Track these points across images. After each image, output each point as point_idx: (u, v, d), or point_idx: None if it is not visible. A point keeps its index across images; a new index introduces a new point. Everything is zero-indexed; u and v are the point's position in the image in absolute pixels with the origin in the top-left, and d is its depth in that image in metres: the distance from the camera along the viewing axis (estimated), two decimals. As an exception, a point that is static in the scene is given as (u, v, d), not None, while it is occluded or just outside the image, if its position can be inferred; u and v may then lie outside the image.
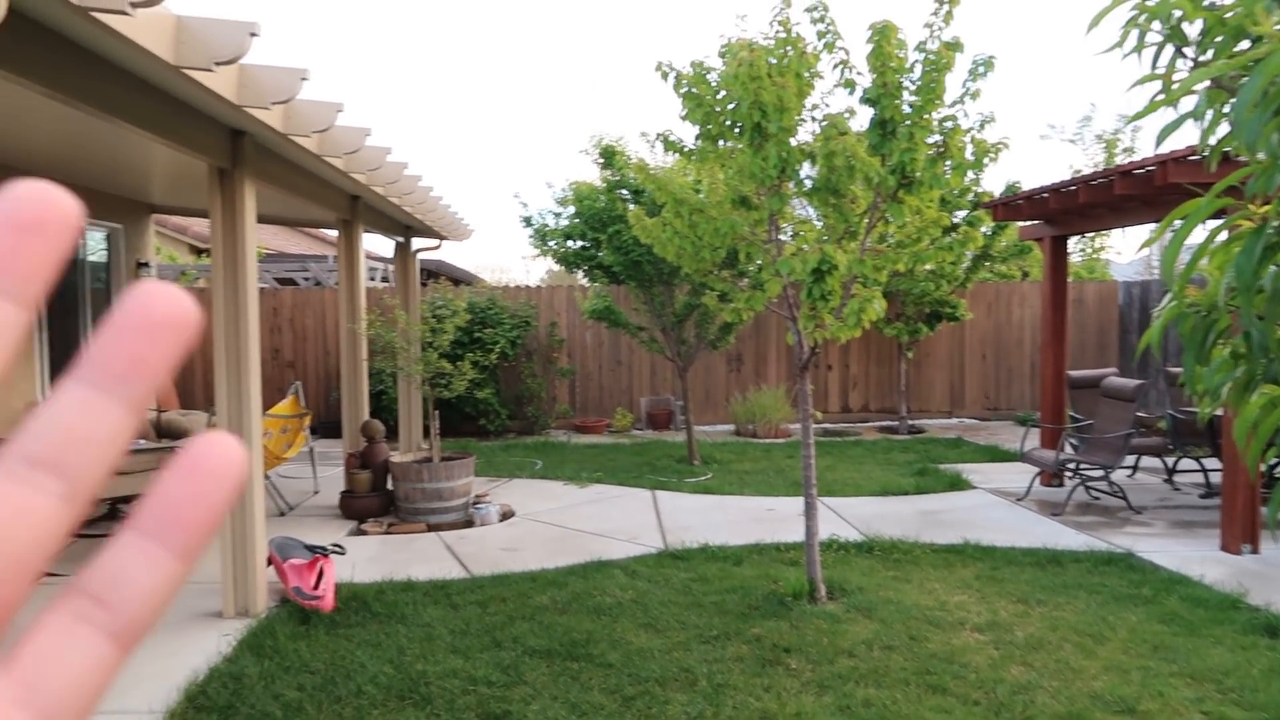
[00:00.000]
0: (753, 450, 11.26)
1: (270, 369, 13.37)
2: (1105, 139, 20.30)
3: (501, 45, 69.17)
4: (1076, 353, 14.26)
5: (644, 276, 10.04)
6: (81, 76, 3.90)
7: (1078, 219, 8.64)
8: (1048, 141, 38.59)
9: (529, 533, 7.28)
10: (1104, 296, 14.58)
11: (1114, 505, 8.11)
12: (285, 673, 4.44)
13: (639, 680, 4.33)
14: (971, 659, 4.55)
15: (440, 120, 67.05)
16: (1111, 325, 14.52)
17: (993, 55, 4.92)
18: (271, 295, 13.72)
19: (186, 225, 17.18)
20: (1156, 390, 13.07)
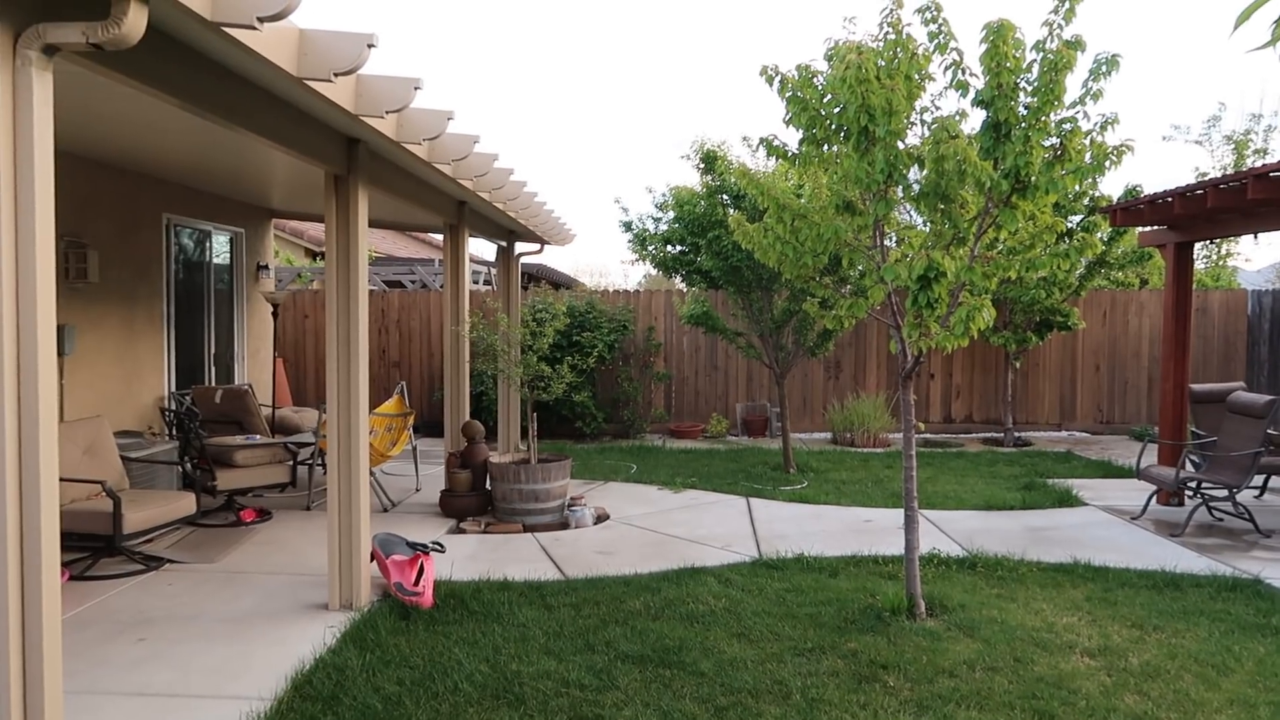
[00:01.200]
0: (850, 459, 11.05)
1: (377, 369, 13.78)
2: (1235, 140, 19.22)
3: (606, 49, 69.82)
4: (1199, 365, 13.54)
5: (743, 282, 9.97)
6: (211, 88, 4.09)
7: (1204, 224, 8.20)
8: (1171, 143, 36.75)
9: (623, 536, 7.30)
10: (1231, 306, 13.81)
11: (1239, 527, 7.66)
12: (386, 666, 4.55)
13: (731, 690, 4.29)
14: (1082, 685, 4.35)
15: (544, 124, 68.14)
16: (1238, 337, 13.74)
17: (1117, 54, 4.70)
18: (380, 297, 14.15)
19: (303, 229, 17.91)
20: (1288, 407, 12.29)
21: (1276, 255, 20.70)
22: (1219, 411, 8.45)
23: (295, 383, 13.90)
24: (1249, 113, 23.47)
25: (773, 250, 5.60)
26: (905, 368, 5.31)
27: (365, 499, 5.61)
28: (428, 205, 7.39)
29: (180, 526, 7.07)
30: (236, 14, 3.19)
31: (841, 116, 4.90)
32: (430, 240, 24.51)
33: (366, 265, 5.58)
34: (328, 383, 5.52)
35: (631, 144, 67.42)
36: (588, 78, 69.08)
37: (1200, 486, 7.77)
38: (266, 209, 11.71)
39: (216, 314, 10.76)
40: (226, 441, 7.82)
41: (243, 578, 6.10)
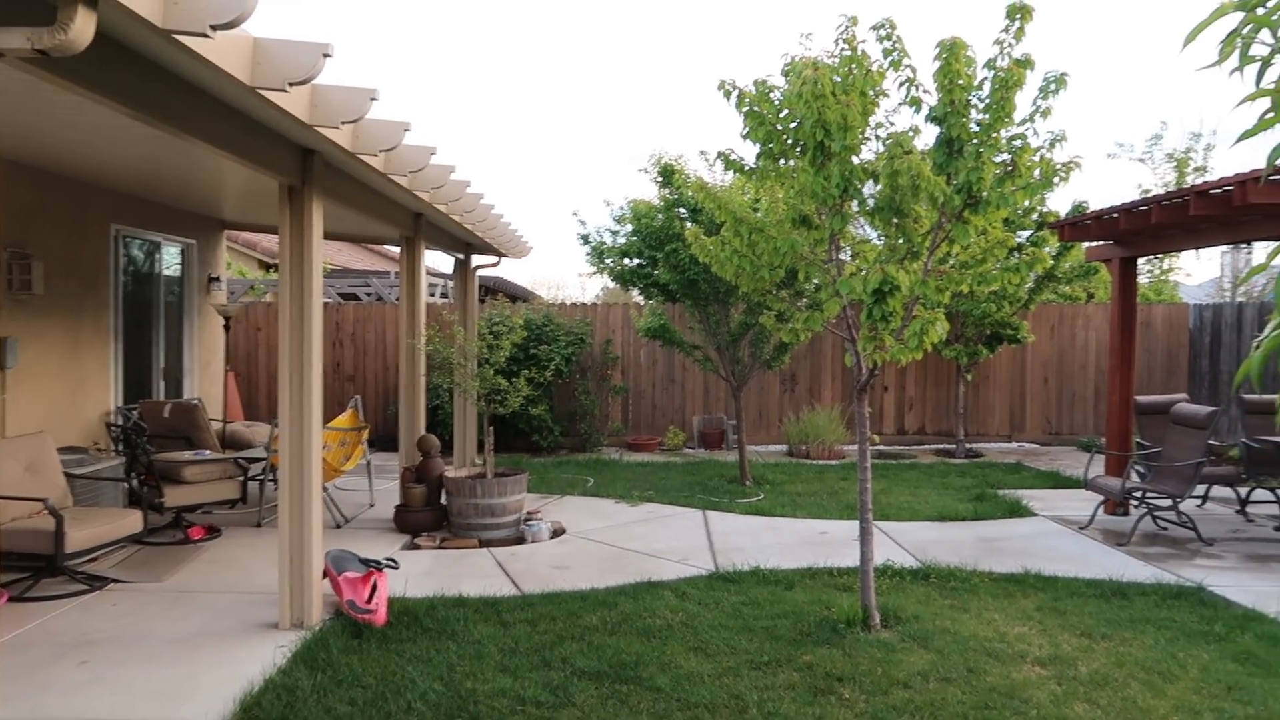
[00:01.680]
0: (806, 471, 11.12)
1: (331, 382, 13.59)
2: (1176, 158, 19.77)
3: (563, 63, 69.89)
4: (1143, 377, 13.86)
5: (700, 295, 10.01)
6: (162, 97, 4.02)
7: (1149, 240, 8.41)
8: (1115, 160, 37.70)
9: (580, 551, 7.27)
10: (1173, 320, 14.17)
11: (1183, 536, 7.83)
12: (338, 686, 4.47)
13: (688, 705, 4.27)
14: (1033, 694, 4.41)
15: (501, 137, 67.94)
16: (1181, 349, 14.10)
17: (1065, 73, 4.81)
18: (335, 310, 13.97)
19: (256, 241, 17.64)
20: (1228, 417, 12.63)
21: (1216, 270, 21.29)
22: (1163, 423, 8.65)
23: (247, 397, 13.66)
24: (1190, 132, 24.14)
25: (730, 264, 5.63)
26: (860, 380, 5.36)
27: (318, 515, 5.51)
28: (384, 217, 7.32)
29: (126, 545, 6.89)
30: (188, 21, 3.13)
31: (798, 131, 4.95)
32: (386, 252, 24.28)
33: (321, 277, 5.50)
34: (280, 397, 5.43)
35: (589, 157, 67.53)
36: (546, 91, 69.08)
37: (1145, 496, 7.94)
38: (219, 220, 11.52)
39: (166, 327, 10.54)
40: (175, 457, 7.65)
41: (190, 597, 5.96)
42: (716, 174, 11.57)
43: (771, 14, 57.49)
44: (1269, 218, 6.69)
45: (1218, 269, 20.43)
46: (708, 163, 13.13)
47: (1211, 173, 19.71)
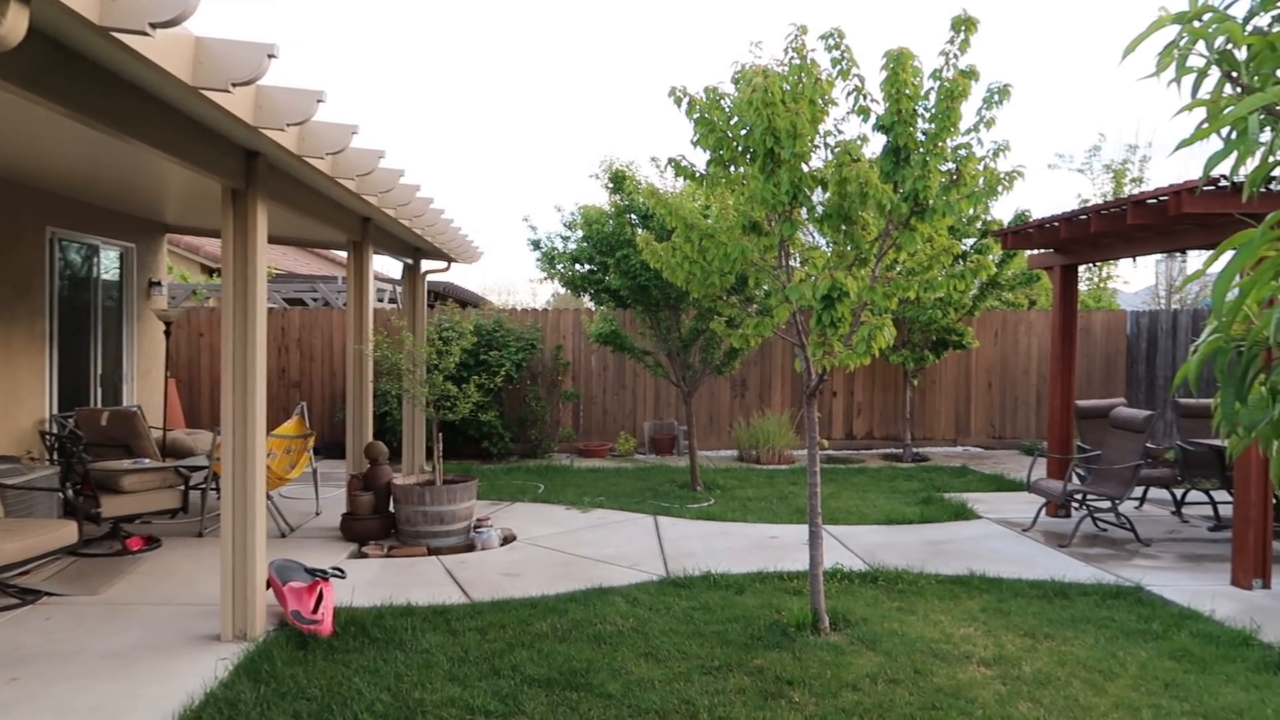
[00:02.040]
0: (756, 476, 11.19)
1: (276, 389, 13.35)
2: (1114, 169, 20.31)
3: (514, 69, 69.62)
4: (1083, 382, 14.19)
5: (651, 301, 10.03)
6: (101, 97, 3.91)
7: (1088, 248, 8.61)
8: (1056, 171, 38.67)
9: (530, 558, 7.22)
10: (1111, 326, 14.54)
11: (1121, 537, 8.03)
12: (281, 699, 4.37)
13: (639, 712, 4.26)
14: (978, 694, 4.48)
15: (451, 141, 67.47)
16: (1119, 355, 14.47)
17: (1008, 83, 4.91)
18: (280, 315, 13.74)
19: (199, 245, 17.28)
20: (1164, 421, 12.99)
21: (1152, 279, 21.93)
22: (1102, 426, 8.86)
23: (189, 404, 13.36)
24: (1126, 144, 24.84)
25: (680, 269, 5.65)
26: (809, 385, 5.41)
27: (261, 524, 5.40)
28: (331, 221, 7.21)
29: (60, 557, 6.68)
30: (128, 19, 3.05)
31: (748, 138, 4.98)
32: (333, 257, 23.96)
33: (265, 282, 5.40)
34: (223, 404, 5.32)
35: (540, 163, 67.37)
36: (497, 96, 68.75)
37: (1086, 498, 8.12)
38: (160, 223, 11.26)
39: (104, 332, 10.26)
40: (112, 466, 7.44)
41: (128, 609, 5.79)
42: (667, 180, 11.62)
43: (722, 22, 57.90)
44: (1202, 227, 6.90)
45: (1153, 277, 21.02)
46: (659, 169, 13.16)
47: (1148, 183, 20.30)
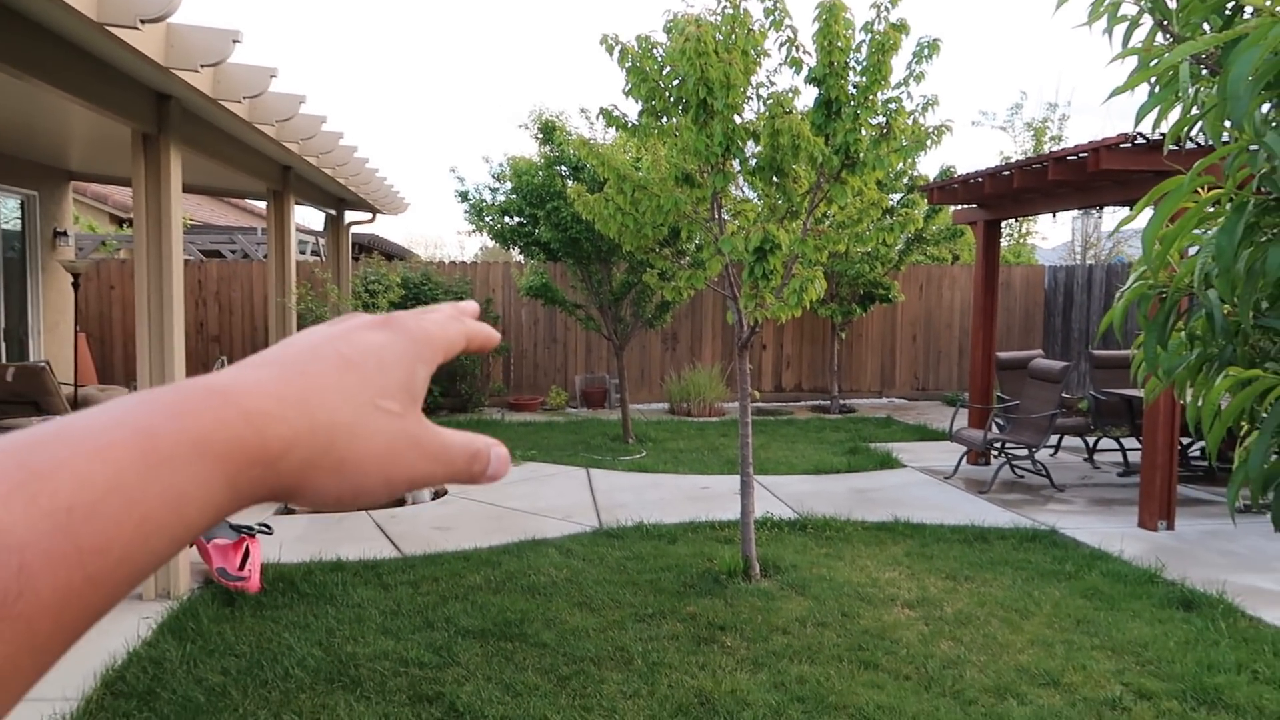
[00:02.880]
0: (687, 429, 11.30)
1: (195, 344, 12.95)
2: (1035, 127, 20.75)
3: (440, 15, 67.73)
4: (1003, 335, 14.60)
5: (582, 254, 9.95)
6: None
7: (1010, 203, 8.81)
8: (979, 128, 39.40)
9: (462, 511, 7.19)
10: (1030, 280, 14.95)
11: (1038, 483, 8.34)
12: (209, 656, 4.30)
13: (574, 660, 4.31)
14: (902, 635, 4.63)
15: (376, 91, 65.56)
16: (1037, 309, 14.91)
17: (938, 38, 4.95)
18: (196, 268, 13.28)
19: (107, 194, 16.51)
20: (1079, 372, 13.46)
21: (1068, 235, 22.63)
22: (1021, 377, 9.15)
23: (101, 359, 12.88)
24: (1047, 102, 25.36)
25: (613, 221, 5.61)
26: (742, 337, 5.45)
27: (184, 481, 5.26)
28: (249, 169, 6.96)
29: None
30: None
31: (681, 89, 4.94)
32: (252, 208, 23.19)
33: (180, 233, 5.20)
34: (138, 359, 5.14)
35: (468, 113, 65.95)
36: (424, 43, 66.89)
37: (1004, 447, 8.40)
38: (64, 170, 10.72)
39: (6, 285, 9.79)
40: (21, 424, 7.15)
41: (44, 570, 5.61)
42: (598, 132, 11.48)
43: (652, -29, 57.13)
44: (1119, 183, 7.10)
45: (1070, 234, 21.64)
46: (589, 121, 12.99)
47: (1066, 141, 20.79)
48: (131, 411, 0.34)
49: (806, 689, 4.01)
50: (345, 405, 0.40)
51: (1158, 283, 1.41)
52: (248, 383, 0.38)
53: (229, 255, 15.45)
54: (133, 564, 0.32)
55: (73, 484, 0.31)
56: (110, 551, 0.31)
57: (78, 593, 0.31)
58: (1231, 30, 1.09)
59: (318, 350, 0.41)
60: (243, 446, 0.35)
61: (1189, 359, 1.43)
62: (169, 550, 0.34)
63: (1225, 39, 1.09)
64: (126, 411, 0.34)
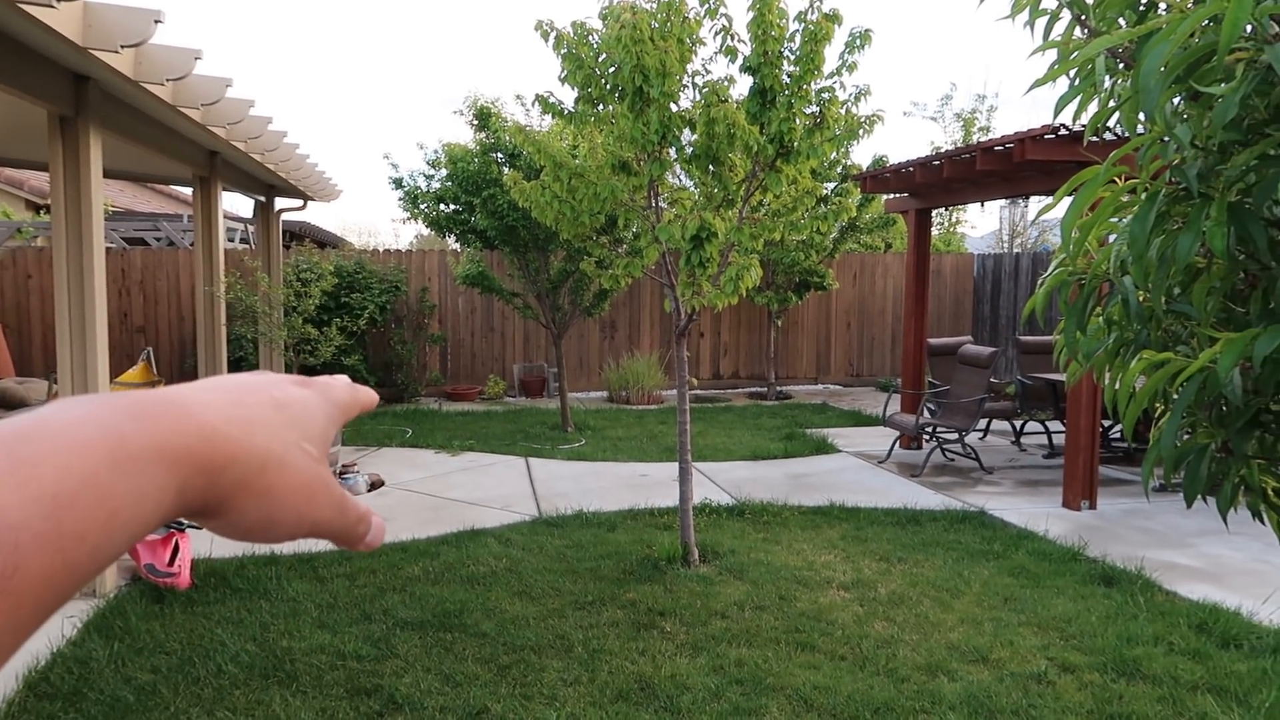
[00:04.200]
0: (626, 417, 11.33)
1: (119, 334, 12.56)
2: (964, 117, 21.18)
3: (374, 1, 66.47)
4: (934, 322, 14.92)
5: (519, 242, 9.89)
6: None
7: (941, 193, 8.99)
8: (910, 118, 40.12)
9: (399, 502, 7.12)
10: (960, 268, 15.29)
11: (967, 466, 8.56)
12: (137, 655, 4.20)
13: (514, 649, 4.31)
14: (838, 616, 4.72)
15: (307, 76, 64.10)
16: (966, 296, 15.25)
17: (869, 28, 5.02)
18: (120, 256, 12.86)
19: (23, 178, 15.87)
20: (1006, 357, 13.82)
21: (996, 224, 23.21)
22: (951, 363, 9.37)
23: (18, 351, 12.41)
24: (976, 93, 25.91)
25: (550, 209, 5.58)
26: (679, 325, 5.48)
27: (108, 475, 5.11)
28: (174, 154, 6.76)
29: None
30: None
31: (617, 76, 4.93)
32: (177, 194, 22.53)
33: (101, 220, 5.04)
34: (58, 351, 4.96)
35: (402, 99, 64.90)
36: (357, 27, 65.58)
37: (936, 431, 8.60)
38: (-26, 154, 10.28)
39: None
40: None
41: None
42: (534, 118, 11.40)
43: (587, -43, 56.79)
44: (1043, 173, 7.29)
45: (998, 222, 22.17)
46: (525, 107, 12.88)
47: (994, 131, 21.27)
48: (96, 412, 0.37)
49: (745, 671, 4.07)
50: (277, 439, 0.44)
51: (1076, 270, 1.46)
52: (200, 400, 0.41)
53: (154, 243, 15.00)
54: (100, 553, 0.35)
55: (55, 475, 0.33)
56: (86, 539, 0.34)
57: (57, 575, 0.33)
58: (1144, 25, 1.14)
59: (251, 388, 0.45)
60: (194, 455, 0.38)
61: (1107, 343, 1.49)
62: (126, 545, 0.36)
63: (1138, 34, 1.13)
64: (90, 412, 0.36)
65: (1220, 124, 1.09)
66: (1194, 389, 1.22)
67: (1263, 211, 1.18)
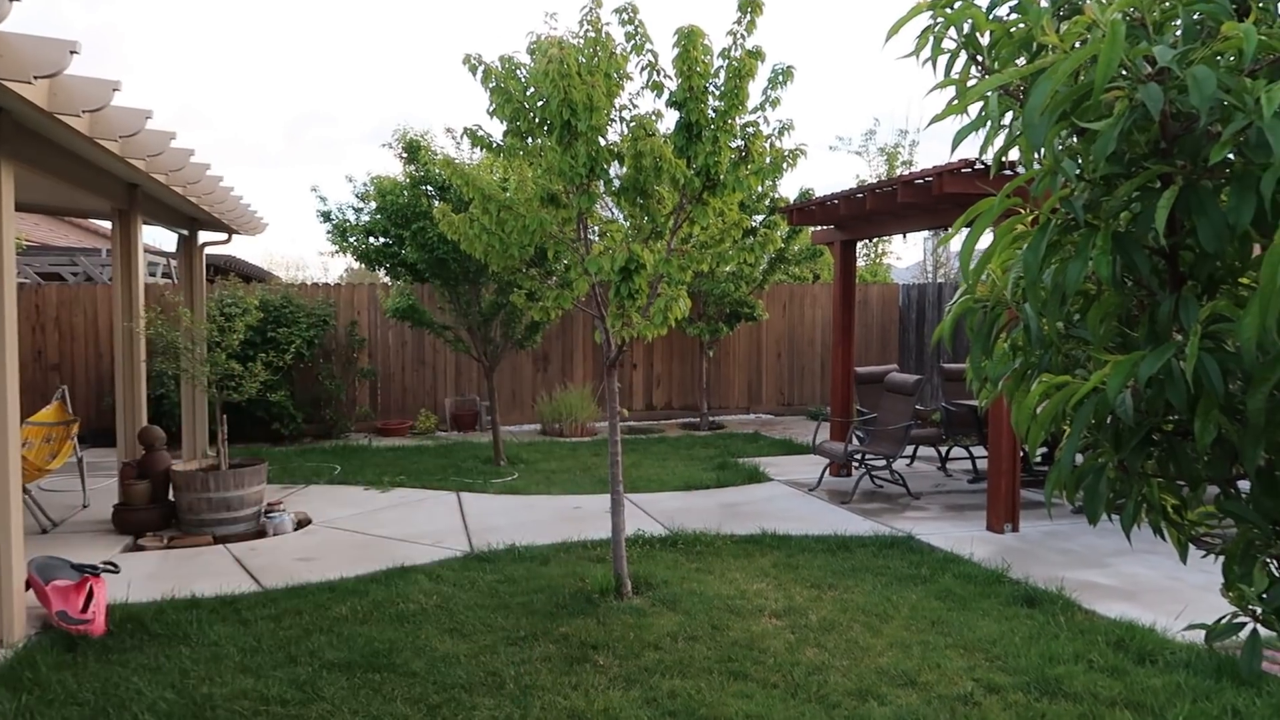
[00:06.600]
0: (559, 449, 11.28)
1: (32, 373, 12.10)
2: (887, 151, 21.78)
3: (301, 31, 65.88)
4: (862, 350, 15.21)
5: (449, 275, 9.84)
6: None
7: (865, 224, 9.21)
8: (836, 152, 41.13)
9: (327, 541, 6.96)
10: (886, 298, 15.64)
11: (895, 492, 8.71)
12: (47, 707, 4.02)
13: (444, 687, 4.23)
14: (770, 644, 4.75)
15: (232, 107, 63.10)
16: (892, 325, 15.60)
17: (792, 65, 5.15)
18: (34, 292, 12.44)
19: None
20: (931, 385, 14.15)
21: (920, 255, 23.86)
22: (878, 391, 9.56)
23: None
24: (898, 128, 26.69)
25: (479, 241, 5.57)
26: (610, 357, 5.50)
27: (18, 520, 4.91)
28: (92, 187, 6.59)
29: None
30: None
31: (545, 110, 4.97)
32: (95, 228, 21.89)
33: (13, 254, 4.87)
34: (-35, 387, 4.77)
35: (329, 131, 64.22)
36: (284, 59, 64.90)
37: (864, 458, 8.75)
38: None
39: None
40: None
41: None
42: (464, 152, 11.38)
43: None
44: (961, 206, 7.52)
45: (921, 254, 22.79)
46: (454, 140, 12.87)
47: (916, 165, 21.93)
48: None
49: (678, 703, 4.06)
50: None
51: (979, 298, 1.53)
52: None
53: (70, 278, 14.54)
54: None
55: None
56: None
57: None
58: (1032, 65, 1.20)
59: None
60: None
61: (1013, 367, 1.55)
62: None
63: (1027, 72, 1.20)
64: None
65: (1101, 157, 1.16)
66: (1089, 410, 1.28)
67: (1145, 240, 1.25)
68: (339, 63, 66.06)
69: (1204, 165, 1.25)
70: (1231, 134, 1.18)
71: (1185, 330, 1.25)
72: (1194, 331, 1.21)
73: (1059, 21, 1.33)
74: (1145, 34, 1.26)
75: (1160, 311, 1.28)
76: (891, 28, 1.46)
